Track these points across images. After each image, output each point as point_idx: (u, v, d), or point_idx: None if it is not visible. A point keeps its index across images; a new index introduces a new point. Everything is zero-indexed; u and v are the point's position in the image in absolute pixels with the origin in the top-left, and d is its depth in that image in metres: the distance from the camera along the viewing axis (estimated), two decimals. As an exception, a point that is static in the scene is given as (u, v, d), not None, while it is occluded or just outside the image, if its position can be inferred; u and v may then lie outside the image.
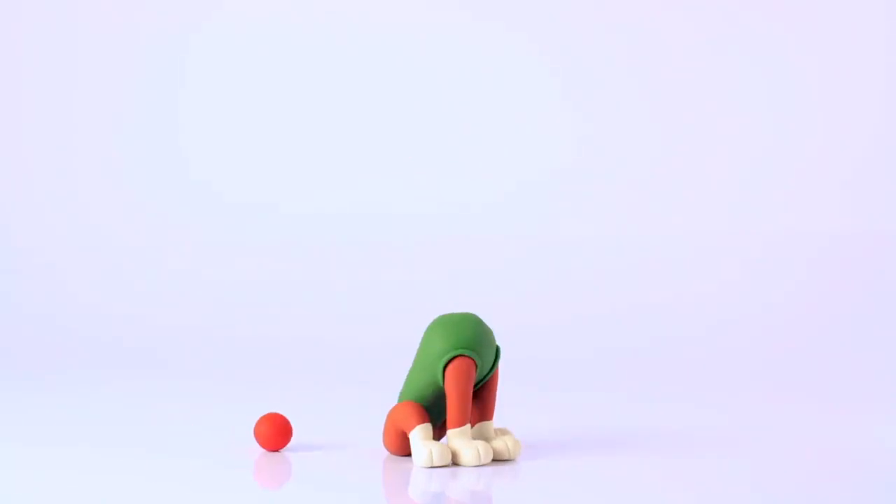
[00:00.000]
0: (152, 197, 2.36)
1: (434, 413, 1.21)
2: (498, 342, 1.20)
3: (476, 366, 1.17)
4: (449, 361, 1.17)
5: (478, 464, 1.17)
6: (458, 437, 1.17)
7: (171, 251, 2.33)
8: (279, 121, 2.36)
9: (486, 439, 1.20)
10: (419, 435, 1.17)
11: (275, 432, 1.24)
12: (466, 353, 1.17)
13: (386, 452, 1.23)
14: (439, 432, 1.22)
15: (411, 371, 1.20)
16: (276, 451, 1.24)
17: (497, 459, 1.20)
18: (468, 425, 1.17)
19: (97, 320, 2.19)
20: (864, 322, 2.02)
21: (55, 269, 2.29)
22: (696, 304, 2.10)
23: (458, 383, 1.16)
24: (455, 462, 1.17)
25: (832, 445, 1.29)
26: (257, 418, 1.26)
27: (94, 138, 2.38)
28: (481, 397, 1.20)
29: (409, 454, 1.21)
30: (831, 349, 1.94)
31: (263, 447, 1.24)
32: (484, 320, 1.20)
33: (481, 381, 1.20)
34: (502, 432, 1.21)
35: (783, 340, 1.98)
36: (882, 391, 1.66)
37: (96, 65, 2.40)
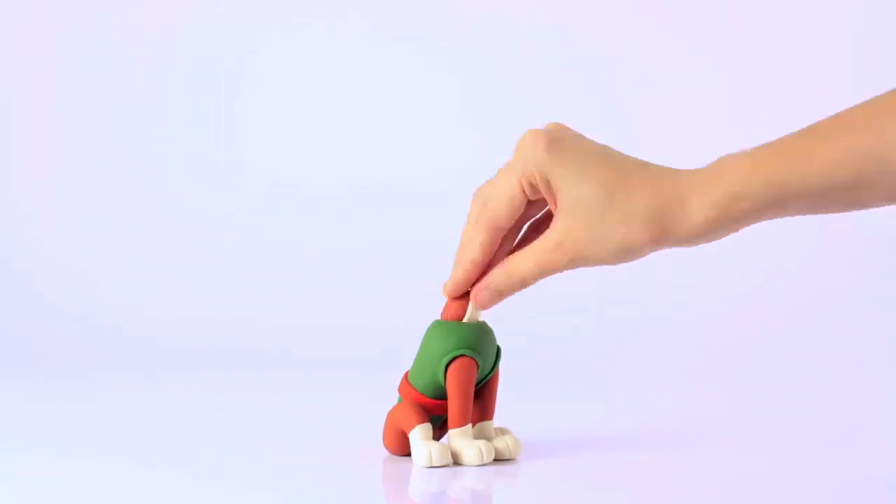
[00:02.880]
0: (178, 192, 2.36)
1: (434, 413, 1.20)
2: (498, 342, 1.20)
3: (477, 366, 1.17)
4: (450, 361, 1.17)
5: (480, 463, 1.17)
6: (460, 437, 1.17)
7: (174, 248, 2.33)
8: (282, 122, 2.37)
9: (487, 439, 1.20)
10: (419, 435, 1.17)
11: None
12: (468, 353, 1.16)
13: (386, 452, 1.23)
14: (439, 432, 1.22)
15: (412, 371, 1.20)
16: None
17: (498, 459, 1.19)
18: (469, 425, 1.17)
19: (96, 319, 2.18)
20: (864, 322, 2.02)
21: (78, 266, 2.29)
22: (697, 304, 2.09)
23: (459, 383, 1.16)
24: (457, 462, 1.17)
25: (832, 445, 1.29)
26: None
27: (111, 136, 2.39)
28: (482, 397, 1.20)
29: (409, 454, 1.21)
30: (831, 349, 1.93)
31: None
32: (485, 320, 1.19)
33: (482, 380, 1.20)
34: (502, 431, 1.21)
35: (783, 340, 1.98)
36: (882, 391, 1.66)
37: (110, 59, 2.41)
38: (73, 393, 1.65)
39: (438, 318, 1.20)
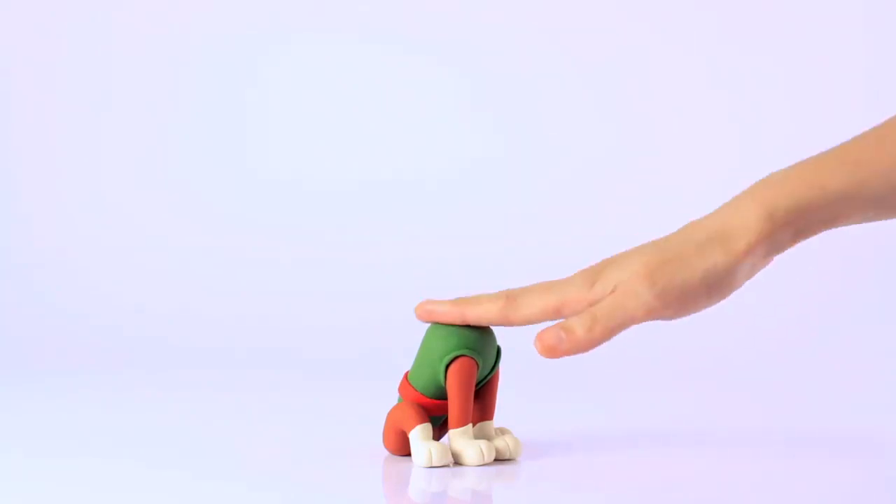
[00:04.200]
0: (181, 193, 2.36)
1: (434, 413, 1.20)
2: (498, 342, 1.20)
3: (478, 366, 1.17)
4: (451, 362, 1.16)
5: (481, 463, 1.17)
6: (461, 437, 1.17)
7: (177, 249, 2.33)
8: (280, 122, 2.36)
9: (487, 439, 1.20)
10: (419, 435, 1.17)
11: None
12: (468, 353, 1.16)
13: (386, 452, 1.23)
14: (439, 432, 1.22)
15: (412, 371, 1.20)
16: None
17: (498, 459, 1.19)
18: (470, 425, 1.17)
19: (103, 318, 2.19)
20: (864, 321, 2.02)
21: (80, 266, 2.29)
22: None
23: (459, 383, 1.16)
24: (458, 462, 1.17)
25: (833, 446, 1.29)
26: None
27: (111, 133, 2.39)
28: (482, 397, 1.20)
29: (409, 454, 1.21)
30: (834, 350, 1.93)
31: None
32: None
33: (482, 381, 1.20)
34: (502, 431, 1.21)
35: (785, 340, 1.98)
36: (882, 391, 1.66)
37: (111, 59, 2.41)
38: (74, 393, 1.65)
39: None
